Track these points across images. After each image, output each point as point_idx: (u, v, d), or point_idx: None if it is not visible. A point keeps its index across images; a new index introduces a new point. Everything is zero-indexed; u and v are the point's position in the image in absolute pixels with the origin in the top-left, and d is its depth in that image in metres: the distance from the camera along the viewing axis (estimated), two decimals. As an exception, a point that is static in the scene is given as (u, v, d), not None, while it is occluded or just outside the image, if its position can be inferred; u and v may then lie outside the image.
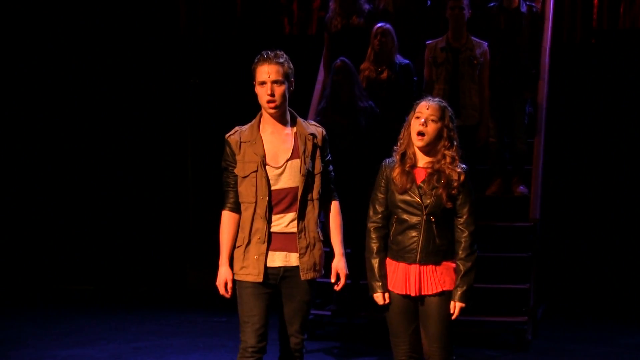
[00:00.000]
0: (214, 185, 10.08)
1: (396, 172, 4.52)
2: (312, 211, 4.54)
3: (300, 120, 4.62)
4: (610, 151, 9.50)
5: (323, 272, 4.59)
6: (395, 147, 4.59)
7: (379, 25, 7.66)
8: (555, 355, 7.14)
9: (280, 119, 4.55)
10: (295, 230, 4.50)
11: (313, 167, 4.55)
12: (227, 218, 4.56)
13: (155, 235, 10.31)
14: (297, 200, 4.49)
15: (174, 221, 10.34)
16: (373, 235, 4.60)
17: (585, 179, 9.55)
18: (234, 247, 4.55)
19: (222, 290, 4.53)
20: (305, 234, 4.52)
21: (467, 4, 7.59)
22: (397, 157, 4.55)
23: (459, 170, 4.49)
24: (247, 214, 4.51)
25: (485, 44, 7.68)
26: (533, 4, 8.15)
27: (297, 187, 4.50)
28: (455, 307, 4.47)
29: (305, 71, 8.80)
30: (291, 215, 4.50)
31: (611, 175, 9.50)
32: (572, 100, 9.54)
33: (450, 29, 7.60)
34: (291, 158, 4.51)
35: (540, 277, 7.83)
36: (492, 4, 8.13)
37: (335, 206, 4.67)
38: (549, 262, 8.67)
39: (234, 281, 4.53)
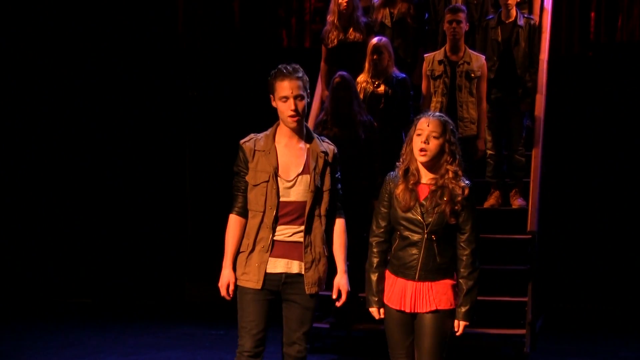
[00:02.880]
0: (212, 197, 10.14)
1: (399, 189, 4.50)
2: (319, 227, 4.60)
3: (315, 136, 4.69)
4: (608, 163, 9.51)
5: (324, 287, 4.62)
6: (397, 163, 4.58)
7: (375, 40, 7.66)
8: (554, 368, 7.15)
9: (299, 132, 4.62)
10: (298, 240, 4.55)
11: (322, 184, 4.60)
12: (234, 222, 4.63)
13: (154, 248, 10.31)
14: (304, 214, 4.54)
15: (172, 234, 10.34)
16: (374, 250, 4.60)
17: (583, 191, 9.55)
18: (238, 250, 4.60)
19: (223, 292, 4.60)
20: (311, 249, 4.58)
21: (464, 17, 7.61)
22: (400, 172, 4.53)
23: (462, 185, 4.47)
24: (254, 221, 4.57)
25: (483, 57, 7.70)
26: (531, 17, 8.17)
27: (305, 202, 4.56)
28: (460, 325, 4.48)
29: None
30: (296, 227, 4.55)
31: (609, 187, 9.51)
32: (569, 112, 9.56)
33: (448, 42, 7.62)
34: (302, 173, 4.58)
35: (539, 289, 7.83)
36: (490, 17, 8.16)
37: (340, 223, 4.72)
38: (547, 274, 8.66)
39: (236, 285, 4.59)
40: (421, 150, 4.45)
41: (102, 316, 9.40)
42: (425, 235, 4.45)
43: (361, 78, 7.70)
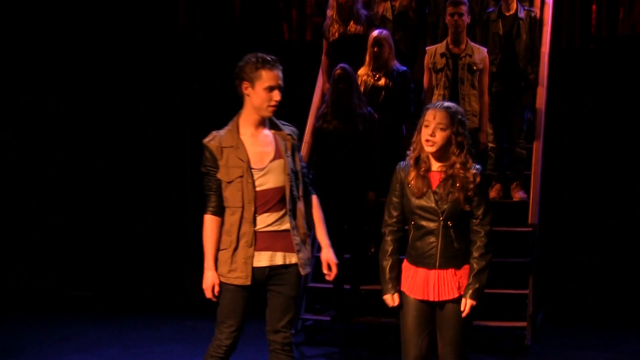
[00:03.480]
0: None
1: (412, 176, 4.53)
2: (301, 208, 4.64)
3: (275, 120, 4.69)
4: (609, 157, 9.50)
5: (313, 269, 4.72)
6: (408, 152, 4.60)
7: (376, 33, 7.66)
8: (555, 360, 7.15)
9: (263, 121, 4.63)
10: (280, 228, 4.57)
11: (294, 164, 4.63)
12: (210, 222, 4.66)
13: (155, 241, 10.30)
14: (285, 199, 4.56)
15: (173, 226, 10.32)
16: (387, 238, 4.62)
17: (584, 185, 9.54)
18: (218, 250, 4.62)
19: (209, 294, 4.65)
20: (297, 231, 4.61)
21: (466, 10, 7.60)
22: (412, 161, 4.56)
23: (473, 172, 4.50)
24: (234, 218, 4.57)
25: (485, 49, 7.69)
26: (531, 9, 8.17)
27: (283, 187, 4.57)
28: (466, 304, 4.48)
29: (304, 76, 8.84)
30: (277, 214, 4.57)
31: (610, 181, 9.49)
32: (571, 106, 9.54)
33: (450, 35, 7.61)
34: (275, 158, 4.59)
35: (540, 282, 7.83)
36: (490, 10, 8.15)
37: (314, 200, 4.75)
38: (548, 267, 8.66)
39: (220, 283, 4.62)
40: (427, 141, 4.48)
41: (103, 309, 9.40)
42: (442, 223, 4.47)
43: (362, 71, 7.70)
